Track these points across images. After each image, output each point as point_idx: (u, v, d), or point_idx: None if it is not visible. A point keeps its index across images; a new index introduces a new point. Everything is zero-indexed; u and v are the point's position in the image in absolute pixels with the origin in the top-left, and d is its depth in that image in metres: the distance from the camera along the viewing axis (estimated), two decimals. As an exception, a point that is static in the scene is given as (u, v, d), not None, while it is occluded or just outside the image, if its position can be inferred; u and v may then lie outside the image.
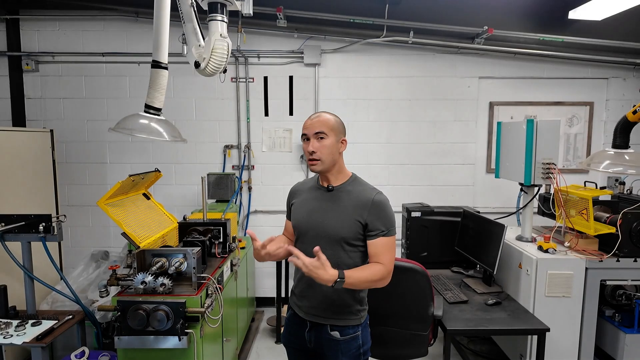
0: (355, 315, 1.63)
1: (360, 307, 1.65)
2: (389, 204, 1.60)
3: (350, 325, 1.62)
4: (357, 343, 1.63)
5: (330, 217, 1.60)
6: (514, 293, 2.66)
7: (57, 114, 3.89)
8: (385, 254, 1.56)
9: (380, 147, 3.93)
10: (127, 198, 2.39)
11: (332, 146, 1.59)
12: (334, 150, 1.61)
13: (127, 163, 3.92)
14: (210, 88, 3.86)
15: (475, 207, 3.81)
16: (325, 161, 1.59)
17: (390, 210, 1.59)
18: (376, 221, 1.55)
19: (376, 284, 1.55)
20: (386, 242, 1.56)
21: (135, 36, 3.81)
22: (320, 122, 1.60)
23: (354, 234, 1.57)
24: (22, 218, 2.34)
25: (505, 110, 3.93)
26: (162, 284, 1.97)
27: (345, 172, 1.70)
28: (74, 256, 3.75)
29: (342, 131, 1.65)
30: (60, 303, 2.82)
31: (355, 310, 1.62)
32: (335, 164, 1.63)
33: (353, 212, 1.57)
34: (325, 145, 1.58)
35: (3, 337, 2.13)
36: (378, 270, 1.53)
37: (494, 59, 3.86)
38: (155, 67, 1.98)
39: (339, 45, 3.80)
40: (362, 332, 1.65)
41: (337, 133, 1.62)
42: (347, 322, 1.61)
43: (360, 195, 1.60)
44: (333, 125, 1.61)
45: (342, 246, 1.58)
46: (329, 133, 1.59)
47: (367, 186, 1.65)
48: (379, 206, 1.57)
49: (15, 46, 3.80)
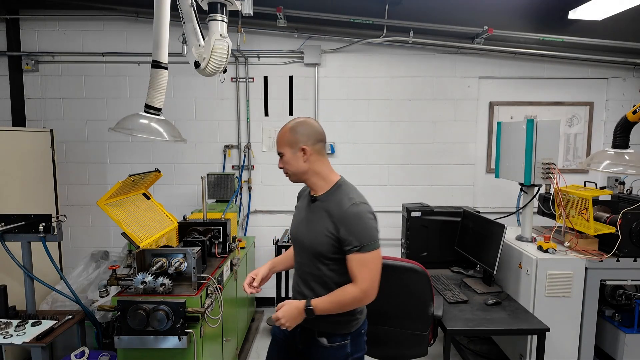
0: (344, 324, 1.58)
1: (351, 316, 1.58)
2: (366, 215, 1.47)
3: (339, 334, 1.58)
4: (345, 352, 1.59)
5: (309, 229, 1.58)
6: (514, 293, 2.66)
7: (57, 114, 3.89)
8: (359, 273, 1.46)
9: (380, 147, 3.93)
10: (127, 198, 2.39)
11: (290, 160, 1.57)
12: (296, 162, 1.56)
13: (127, 163, 3.92)
14: (210, 88, 3.86)
15: (475, 207, 3.82)
16: (294, 174, 1.59)
17: (366, 223, 1.46)
18: (349, 235, 1.45)
19: (350, 306, 1.50)
20: (360, 259, 1.45)
21: (135, 36, 3.81)
22: (277, 141, 1.60)
23: (329, 247, 1.50)
24: (22, 218, 2.34)
25: (505, 110, 3.94)
26: (162, 284, 1.98)
27: (329, 180, 1.58)
28: (73, 256, 3.75)
29: (297, 141, 1.54)
30: (60, 303, 2.82)
31: (344, 320, 1.57)
32: (306, 173, 1.58)
33: (326, 224, 1.50)
34: (285, 161, 1.58)
35: (3, 337, 2.13)
36: (348, 293, 1.47)
37: (494, 59, 3.86)
38: (155, 67, 1.98)
39: (339, 45, 3.80)
40: (353, 340, 1.60)
41: (291, 145, 1.55)
42: (335, 329, 1.58)
43: (335, 206, 1.50)
44: (287, 139, 1.56)
45: (321, 260, 1.54)
46: (283, 150, 1.58)
47: (346, 195, 1.52)
48: (352, 219, 1.46)
49: (15, 46, 3.80)
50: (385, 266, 2.09)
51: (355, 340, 1.61)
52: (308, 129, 1.56)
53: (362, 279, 1.46)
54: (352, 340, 1.60)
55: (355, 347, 1.61)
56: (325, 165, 1.60)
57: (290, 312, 1.50)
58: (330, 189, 1.57)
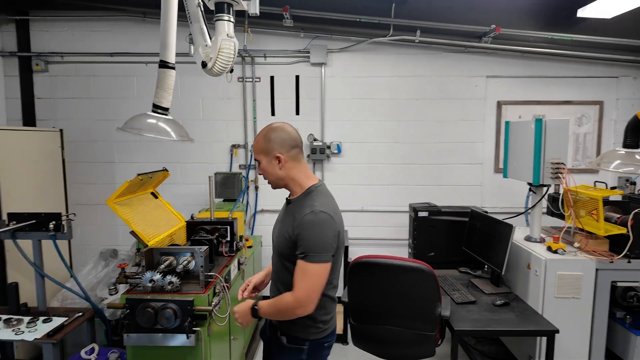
0: (301, 328, 1.57)
1: (313, 324, 1.57)
2: (320, 226, 1.45)
3: (297, 337, 1.58)
4: (300, 357, 1.58)
5: (279, 230, 1.62)
6: (523, 294, 2.64)
7: (66, 113, 3.93)
8: (298, 281, 1.46)
9: (386, 147, 3.92)
10: (135, 197, 2.41)
11: (267, 167, 1.59)
12: (272, 170, 1.58)
13: (135, 162, 3.95)
14: (217, 88, 3.88)
15: (483, 207, 3.79)
16: (272, 181, 1.62)
17: (316, 234, 1.44)
18: (300, 241, 1.46)
19: (286, 314, 1.50)
20: (302, 267, 1.45)
21: (143, 36, 3.84)
22: (254, 149, 1.63)
23: (287, 250, 1.52)
24: (32, 216, 2.37)
25: (513, 110, 3.90)
26: (170, 282, 1.99)
27: (304, 185, 1.59)
28: (83, 254, 3.80)
29: (271, 149, 1.56)
30: (70, 300, 2.86)
31: (302, 323, 1.55)
32: (283, 179, 1.60)
33: (287, 228, 1.53)
34: (262, 168, 1.61)
35: (15, 333, 2.16)
36: (284, 300, 1.49)
37: (502, 58, 3.83)
38: (163, 67, 1.99)
39: (345, 45, 3.80)
40: (311, 349, 1.58)
41: (266, 153, 1.57)
42: (293, 330, 1.58)
43: (298, 211, 1.51)
44: (261, 147, 1.58)
45: (283, 261, 1.57)
46: (259, 157, 1.60)
47: (311, 202, 1.51)
48: (305, 226, 1.46)
49: (25, 47, 3.85)
50: (391, 266, 2.10)
51: (314, 349, 1.60)
52: (282, 136, 1.57)
53: (299, 288, 1.46)
54: (311, 348, 1.59)
55: (313, 357, 1.60)
56: (301, 171, 1.61)
57: (243, 309, 1.59)
58: (302, 194, 1.59)
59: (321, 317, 1.59)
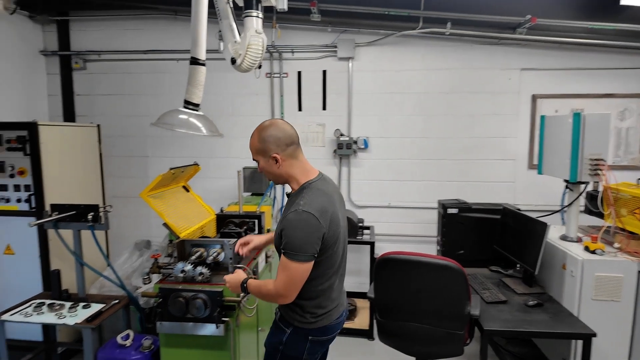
0: (287, 312, 1.65)
1: (300, 312, 1.62)
2: (300, 225, 1.48)
3: (283, 320, 1.67)
4: (280, 337, 1.66)
5: (279, 222, 1.65)
6: (557, 295, 2.54)
7: (102, 109, 4.09)
8: (279, 273, 1.53)
9: (415, 142, 3.86)
10: (167, 190, 2.49)
11: (265, 167, 1.63)
12: (270, 169, 1.62)
13: (167, 157, 4.07)
14: (245, 84, 3.92)
15: (516, 204, 3.66)
16: (272, 179, 1.67)
17: (295, 233, 1.48)
18: (283, 238, 1.52)
19: (266, 298, 1.62)
20: (283, 261, 1.51)
21: (174, 34, 3.94)
22: (250, 149, 1.65)
23: (279, 241, 1.58)
24: (73, 208, 2.49)
25: (549, 103, 3.74)
26: (200, 273, 2.05)
27: (300, 182, 1.63)
28: (118, 244, 3.96)
29: (267, 150, 1.58)
30: (107, 288, 3.00)
31: (293, 309, 1.63)
32: (282, 177, 1.64)
33: (280, 223, 1.58)
34: (261, 167, 1.65)
35: (57, 317, 2.29)
36: (266, 286, 1.59)
37: (538, 49, 3.67)
38: (194, 64, 2.04)
39: (373, 38, 3.75)
40: (292, 335, 1.64)
41: (263, 154, 1.60)
42: (284, 312, 1.67)
43: (288, 208, 1.59)
44: (256, 149, 1.61)
45: (279, 250, 1.60)
46: (257, 157, 1.64)
47: (299, 200, 1.55)
48: (287, 225, 1.51)
49: (65, 46, 4.03)
50: (419, 263, 2.08)
51: (294, 336, 1.64)
52: (277, 135, 1.58)
53: (279, 280, 1.53)
54: (292, 334, 1.64)
55: (292, 343, 1.64)
56: (298, 167, 1.63)
57: (234, 282, 1.71)
58: (297, 190, 1.63)
59: (310, 309, 1.62)
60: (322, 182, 1.65)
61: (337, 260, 1.66)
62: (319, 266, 1.57)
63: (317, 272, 1.57)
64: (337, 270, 1.67)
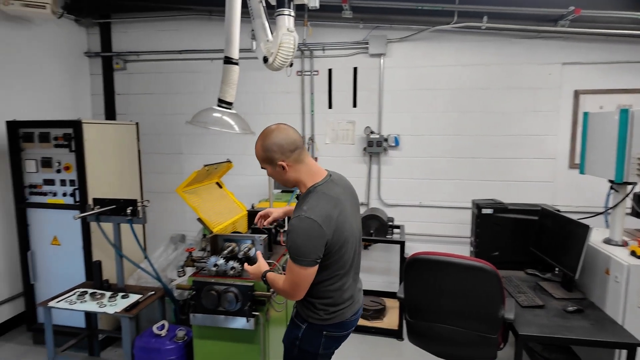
0: (302, 309, 1.69)
1: (313, 309, 1.65)
2: (303, 233, 1.49)
3: (299, 316, 1.71)
4: (296, 333, 1.70)
5: None
6: (599, 301, 2.41)
7: (140, 108, 4.26)
8: (287, 273, 1.58)
9: (447, 140, 3.76)
10: (202, 186, 2.56)
11: (273, 174, 1.66)
12: (279, 176, 1.65)
13: (202, 154, 4.19)
14: (277, 82, 3.96)
15: (555, 205, 3.50)
16: (282, 183, 1.69)
17: (295, 239, 1.50)
18: (287, 241, 1.55)
19: (280, 293, 1.68)
20: (289, 264, 1.54)
21: (209, 34, 4.03)
22: (257, 157, 1.67)
23: None
24: (113, 202, 2.61)
25: (593, 99, 3.54)
26: (232, 267, 2.10)
27: (306, 185, 1.65)
28: (155, 238, 4.12)
29: (273, 158, 1.60)
30: (144, 280, 3.13)
31: (304, 305, 1.68)
32: (291, 181, 1.66)
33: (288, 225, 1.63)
34: (269, 173, 1.68)
35: (99, 306, 2.42)
36: (280, 281, 1.64)
37: (581, 42, 3.48)
38: (227, 63, 2.08)
39: (406, 34, 3.69)
40: (307, 330, 1.67)
41: (269, 162, 1.62)
42: (300, 309, 1.71)
43: (295, 211, 1.60)
44: (262, 158, 1.64)
45: None
46: (264, 166, 1.66)
47: (303, 205, 1.56)
48: (291, 230, 1.53)
49: (107, 47, 4.23)
50: (451, 264, 2.03)
51: (310, 332, 1.68)
52: (280, 142, 1.58)
53: (286, 280, 1.59)
54: (307, 330, 1.68)
55: (308, 338, 1.68)
56: (305, 171, 1.64)
57: (256, 273, 1.77)
58: (304, 193, 1.64)
59: (323, 306, 1.65)
60: (329, 185, 1.64)
61: (348, 262, 1.65)
62: (327, 269, 1.58)
63: (327, 274, 1.60)
64: (348, 271, 1.67)
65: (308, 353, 1.70)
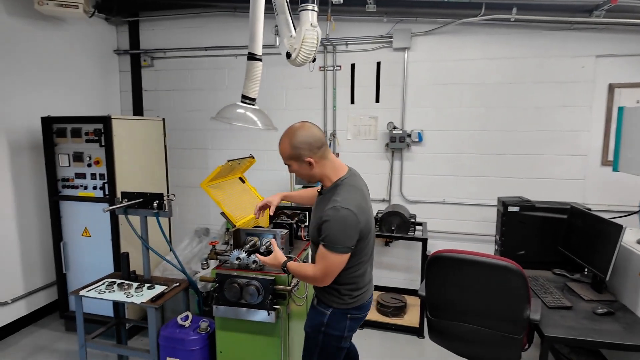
0: (325, 295, 1.78)
1: (338, 295, 1.75)
2: (341, 222, 1.59)
3: (323, 301, 1.80)
4: (321, 319, 1.78)
5: (313, 217, 1.80)
6: (632, 304, 2.30)
7: (167, 104, 4.37)
8: (318, 261, 1.66)
9: (473, 135, 3.68)
10: (225, 181, 2.60)
11: (299, 170, 1.74)
12: (305, 172, 1.73)
13: (226, 149, 4.26)
14: (299, 77, 3.97)
15: (586, 203, 3.37)
16: (305, 179, 1.77)
17: (337, 228, 1.59)
18: (323, 230, 1.63)
19: (306, 280, 1.76)
20: (322, 251, 1.63)
21: (233, 30, 4.08)
22: (281, 154, 1.74)
23: (316, 234, 1.70)
24: (140, 195, 2.68)
25: (629, 94, 3.38)
26: (254, 261, 2.13)
27: (332, 179, 1.74)
28: (180, 231, 4.23)
29: (301, 155, 1.68)
30: (169, 272, 3.21)
31: (331, 293, 1.76)
32: (315, 177, 1.74)
33: (317, 218, 1.70)
34: (293, 170, 1.76)
35: (126, 296, 2.50)
36: (307, 269, 1.71)
37: (616, 34, 3.32)
38: (251, 59, 2.09)
39: (431, 27, 3.62)
40: (332, 315, 1.77)
41: (295, 159, 1.70)
42: (322, 297, 1.80)
43: (326, 204, 1.66)
44: (289, 155, 1.71)
45: (314, 243, 1.73)
46: (290, 163, 1.74)
47: (335, 197, 1.65)
48: (327, 220, 1.61)
49: (136, 45, 4.34)
50: (474, 262, 1.99)
51: (335, 316, 1.77)
52: (307, 140, 1.68)
53: (318, 268, 1.67)
54: (332, 315, 1.77)
55: (334, 323, 1.77)
56: (330, 166, 1.74)
57: (274, 261, 1.84)
58: (330, 187, 1.74)
59: (346, 291, 1.76)
60: (353, 178, 1.76)
61: (370, 250, 1.80)
62: (355, 255, 1.70)
63: (353, 262, 1.71)
64: (368, 259, 1.82)
65: (333, 337, 1.79)
